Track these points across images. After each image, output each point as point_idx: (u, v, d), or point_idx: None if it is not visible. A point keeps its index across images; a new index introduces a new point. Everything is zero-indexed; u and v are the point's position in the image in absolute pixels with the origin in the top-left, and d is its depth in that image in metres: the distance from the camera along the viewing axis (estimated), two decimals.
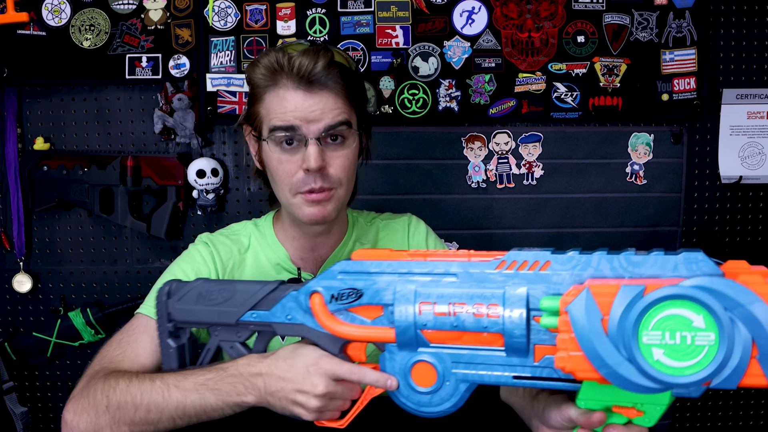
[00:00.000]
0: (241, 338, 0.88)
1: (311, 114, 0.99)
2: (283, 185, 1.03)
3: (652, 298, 0.59)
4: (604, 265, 0.66)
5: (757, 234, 1.75)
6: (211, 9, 1.64)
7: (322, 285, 0.80)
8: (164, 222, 1.64)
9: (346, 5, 1.65)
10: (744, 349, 0.56)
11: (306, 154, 0.99)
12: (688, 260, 0.62)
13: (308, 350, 0.83)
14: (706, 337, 0.57)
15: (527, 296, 0.69)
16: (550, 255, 0.69)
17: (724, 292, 0.56)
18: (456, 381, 0.74)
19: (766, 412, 1.79)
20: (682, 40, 1.67)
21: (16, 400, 1.69)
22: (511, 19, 1.67)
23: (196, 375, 0.88)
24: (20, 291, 1.68)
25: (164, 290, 0.90)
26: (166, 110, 1.64)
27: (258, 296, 0.85)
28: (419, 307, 0.73)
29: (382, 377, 0.78)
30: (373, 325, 0.77)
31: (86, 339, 1.67)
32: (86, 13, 1.63)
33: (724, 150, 1.72)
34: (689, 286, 0.58)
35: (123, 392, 0.89)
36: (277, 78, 1.00)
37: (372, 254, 0.79)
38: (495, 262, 0.72)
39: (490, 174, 1.70)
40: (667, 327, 0.58)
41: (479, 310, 0.70)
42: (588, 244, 1.72)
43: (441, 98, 1.67)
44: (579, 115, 1.68)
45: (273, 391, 0.83)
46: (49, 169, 1.65)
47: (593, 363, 0.61)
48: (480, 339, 0.72)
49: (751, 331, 0.56)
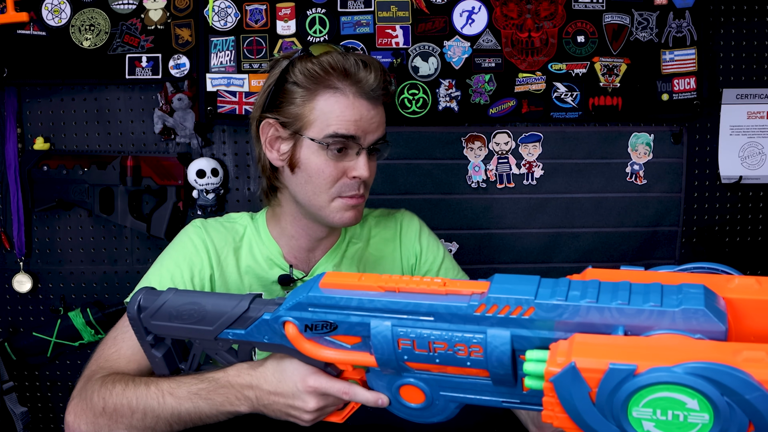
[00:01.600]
0: (224, 348, 0.87)
1: (371, 126, 1.03)
2: (323, 188, 1.04)
3: (644, 383, 0.54)
4: (594, 315, 0.60)
5: (757, 234, 1.75)
6: (211, 9, 1.64)
7: (293, 316, 0.76)
8: (164, 222, 1.64)
9: (346, 5, 1.65)
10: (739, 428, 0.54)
11: (358, 163, 1.03)
12: (687, 315, 0.57)
13: (294, 367, 0.82)
14: (700, 417, 0.54)
15: (511, 340, 0.65)
16: (533, 300, 0.63)
17: (722, 381, 0.52)
18: (445, 401, 0.73)
19: None
20: (682, 40, 1.67)
21: (16, 400, 1.69)
22: (511, 19, 1.67)
23: (189, 384, 0.88)
24: (20, 291, 1.68)
25: (134, 304, 0.86)
26: (166, 110, 1.64)
27: (231, 317, 0.82)
28: (398, 343, 0.70)
29: (372, 396, 0.78)
30: (354, 351, 0.75)
31: (86, 339, 1.67)
32: (86, 13, 1.63)
33: (724, 150, 1.72)
34: (683, 372, 0.53)
35: (119, 396, 0.90)
36: (338, 83, 1.01)
37: (341, 283, 0.73)
38: (474, 304, 0.66)
39: (490, 174, 1.70)
40: (659, 406, 0.55)
41: (461, 350, 0.67)
42: (588, 244, 1.72)
43: (441, 98, 1.67)
44: (579, 115, 1.68)
45: (266, 403, 0.84)
46: (49, 169, 1.65)
47: (580, 427, 0.58)
48: (466, 371, 0.70)
49: (749, 415, 0.53)
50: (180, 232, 1.14)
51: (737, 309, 0.59)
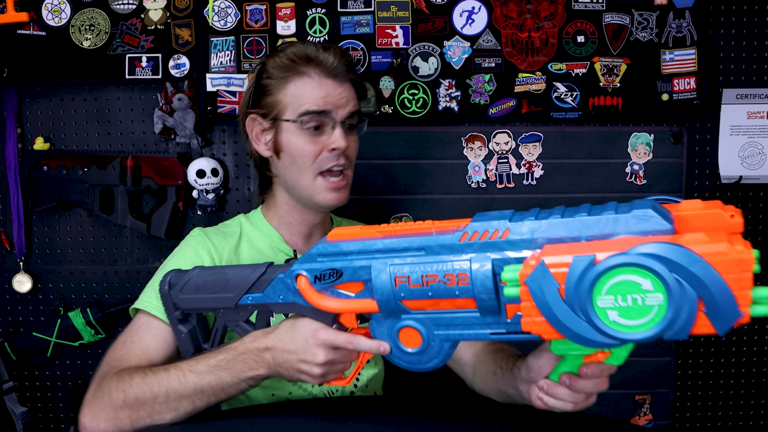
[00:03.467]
0: (243, 318, 0.95)
1: (340, 100, 1.15)
2: (306, 166, 1.14)
3: (602, 268, 0.62)
4: (560, 229, 0.70)
5: (757, 234, 1.75)
6: (211, 9, 1.64)
7: (304, 268, 0.85)
8: (164, 222, 1.64)
9: (346, 5, 1.65)
10: (691, 305, 0.60)
11: (334, 136, 1.13)
12: (638, 218, 0.66)
13: (305, 323, 0.89)
14: (655, 298, 0.61)
15: (492, 264, 0.73)
16: (508, 223, 0.73)
17: (668, 257, 0.60)
18: (440, 341, 0.80)
19: (766, 412, 1.79)
20: (682, 40, 1.67)
21: (16, 400, 1.69)
22: (511, 19, 1.67)
23: (208, 358, 0.93)
24: (20, 291, 1.68)
25: (165, 281, 0.96)
26: (166, 110, 1.64)
27: (249, 281, 0.91)
28: (395, 281, 0.78)
29: (374, 344, 0.85)
30: (357, 299, 0.83)
31: (86, 339, 1.67)
32: (86, 13, 1.63)
33: (724, 150, 1.72)
34: (636, 254, 0.61)
35: (139, 385, 0.93)
36: (303, 68, 1.14)
37: (346, 234, 0.84)
38: (458, 233, 0.76)
39: (490, 174, 1.70)
40: (619, 291, 0.62)
41: (450, 279, 0.75)
42: None
43: (441, 98, 1.67)
44: (579, 115, 1.68)
45: (280, 362, 0.90)
46: (49, 169, 1.65)
47: (555, 327, 0.66)
48: (455, 303, 0.78)
49: (697, 289, 0.60)
50: (181, 242, 1.20)
51: (685, 223, 0.66)
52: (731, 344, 1.76)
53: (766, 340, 1.77)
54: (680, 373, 1.75)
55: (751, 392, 1.78)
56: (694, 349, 1.76)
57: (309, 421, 0.91)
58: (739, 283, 0.59)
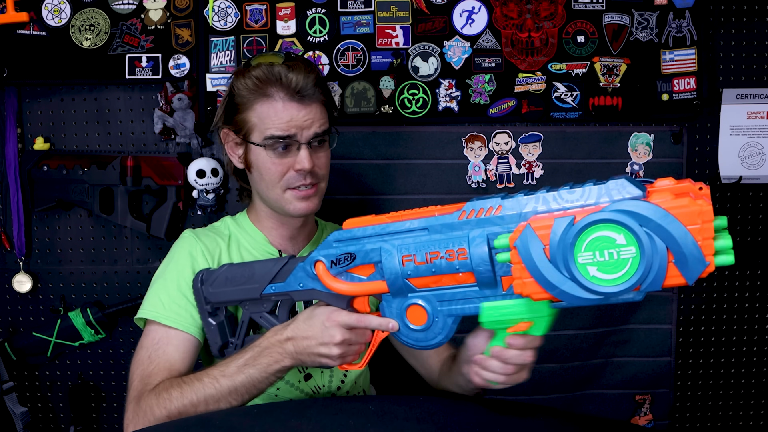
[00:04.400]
0: (267, 309, 1.04)
1: (305, 122, 1.15)
2: (274, 183, 1.17)
3: (580, 226, 0.70)
4: (545, 202, 0.79)
5: (757, 234, 1.75)
6: (211, 9, 1.64)
7: (322, 254, 0.95)
8: (164, 222, 1.64)
9: (346, 5, 1.65)
10: (661, 256, 0.67)
11: (300, 158, 1.15)
12: (615, 187, 0.74)
13: (321, 309, 0.98)
14: (628, 251, 0.68)
15: (487, 237, 0.82)
16: (500, 200, 0.82)
17: (638, 211, 0.68)
18: (443, 317, 0.89)
19: (766, 412, 1.79)
20: (682, 40, 1.67)
21: (16, 400, 1.69)
22: (511, 19, 1.67)
23: (235, 360, 1.01)
24: (20, 291, 1.68)
25: (198, 278, 1.08)
26: (166, 110, 1.64)
27: (273, 271, 1.01)
28: (402, 260, 0.87)
29: (384, 321, 0.93)
30: (369, 281, 0.92)
31: (86, 339, 1.67)
32: (86, 13, 1.63)
33: (724, 150, 1.72)
34: (609, 210, 0.69)
35: (178, 399, 1.00)
36: (269, 90, 1.14)
37: (359, 221, 0.94)
38: (457, 213, 0.85)
39: (490, 174, 1.70)
40: (596, 247, 0.70)
41: (450, 255, 0.84)
42: None
43: (441, 98, 1.67)
44: (579, 115, 1.68)
45: (301, 349, 0.97)
46: (49, 169, 1.64)
47: (542, 286, 0.73)
48: (456, 278, 0.86)
49: (665, 240, 0.67)
50: (173, 246, 1.24)
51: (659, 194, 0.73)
52: (731, 344, 1.76)
53: (766, 340, 1.77)
54: (680, 373, 1.75)
55: (751, 392, 1.78)
56: (694, 349, 1.76)
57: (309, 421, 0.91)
58: (702, 233, 0.66)
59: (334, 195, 1.65)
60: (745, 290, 1.76)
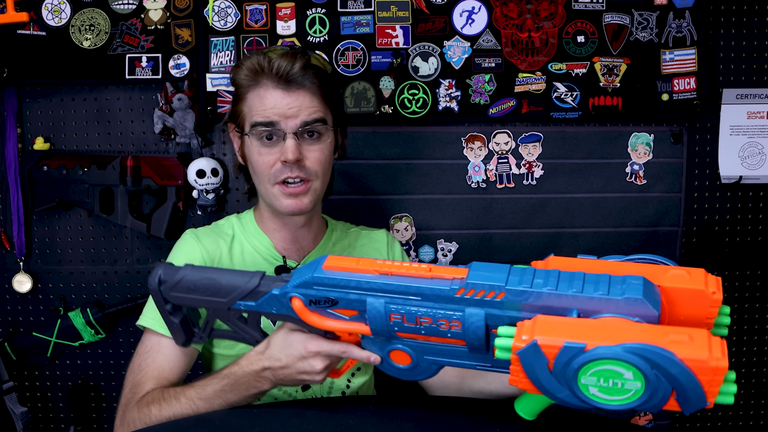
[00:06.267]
0: (236, 316, 0.95)
1: (289, 111, 1.10)
2: (263, 176, 1.13)
3: (590, 357, 0.67)
4: (553, 300, 0.73)
5: (757, 234, 1.75)
6: (211, 9, 1.64)
7: (299, 292, 0.87)
8: (164, 222, 1.64)
9: (346, 5, 1.65)
10: (665, 394, 0.67)
11: (284, 147, 1.10)
12: (628, 302, 0.70)
13: (298, 336, 0.92)
14: (633, 385, 0.67)
15: (485, 317, 0.77)
16: (504, 287, 0.76)
17: (652, 358, 0.65)
18: (428, 363, 0.86)
19: (766, 412, 1.79)
20: (682, 40, 1.67)
21: (16, 400, 1.69)
22: (511, 19, 1.67)
23: (212, 385, 0.98)
24: (20, 291, 1.68)
25: (155, 278, 0.94)
26: (166, 110, 1.64)
27: (243, 291, 0.91)
28: (390, 317, 0.82)
29: (365, 354, 0.88)
30: (351, 321, 0.87)
31: (86, 339, 1.67)
32: (86, 13, 1.63)
33: (724, 150, 1.72)
34: (623, 350, 0.66)
35: (157, 416, 1.00)
36: (259, 78, 1.11)
37: (342, 265, 0.85)
38: (456, 287, 0.78)
39: (490, 174, 1.70)
40: (602, 375, 0.68)
41: (443, 324, 0.80)
42: (588, 244, 1.72)
43: (441, 98, 1.67)
44: (579, 115, 1.68)
45: (281, 378, 0.94)
46: (49, 169, 1.64)
47: (540, 390, 0.71)
48: (446, 340, 0.83)
49: (672, 384, 0.66)
50: (173, 248, 1.21)
51: (670, 296, 0.73)
52: (731, 344, 1.76)
53: (766, 340, 1.77)
54: None
55: (751, 392, 1.78)
56: None
57: (309, 421, 0.91)
58: (711, 384, 0.65)
59: (334, 195, 1.65)
60: (745, 290, 1.76)
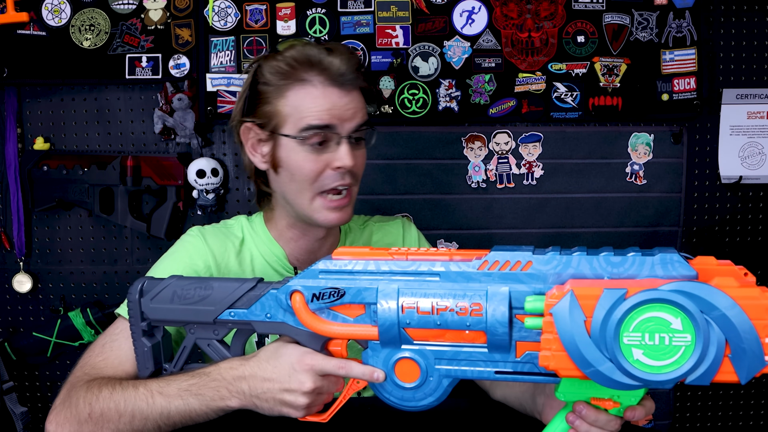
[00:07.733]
0: (218, 336, 0.86)
1: (347, 112, 1.00)
2: (306, 185, 1.01)
3: (634, 302, 0.61)
4: (584, 265, 0.67)
5: (757, 234, 1.75)
6: (211, 9, 1.64)
7: (302, 285, 0.78)
8: (164, 222, 1.64)
9: (346, 5, 1.65)
10: (718, 349, 0.59)
11: (339, 153, 0.99)
12: (664, 261, 0.64)
13: (291, 349, 0.81)
14: (683, 339, 0.60)
15: (509, 295, 0.69)
16: (531, 255, 0.70)
17: (701, 296, 0.59)
18: (439, 376, 0.75)
19: (766, 412, 1.79)
20: (682, 40, 1.67)
21: (16, 400, 1.69)
22: (511, 19, 1.67)
23: (179, 381, 0.86)
24: (20, 291, 1.68)
25: (136, 289, 0.87)
26: (166, 110, 1.64)
27: (236, 295, 0.83)
28: (402, 306, 0.73)
29: (368, 370, 0.77)
30: (356, 324, 0.77)
31: (86, 339, 1.67)
32: (86, 13, 1.63)
33: (724, 150, 1.72)
34: (669, 290, 0.60)
35: (106, 400, 0.87)
36: (305, 74, 0.99)
37: (353, 253, 0.78)
38: (477, 262, 0.72)
39: (490, 174, 1.70)
40: (647, 329, 0.61)
41: (462, 308, 0.71)
42: (588, 244, 1.70)
43: (441, 98, 1.67)
44: (579, 115, 1.68)
45: (259, 393, 0.81)
46: (49, 169, 1.64)
47: (576, 362, 0.63)
48: (463, 336, 0.73)
49: (725, 332, 0.59)
50: (177, 241, 1.11)
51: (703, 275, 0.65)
52: None
53: None
54: None
55: (751, 392, 1.78)
56: None
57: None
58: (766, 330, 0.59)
59: None
60: None
